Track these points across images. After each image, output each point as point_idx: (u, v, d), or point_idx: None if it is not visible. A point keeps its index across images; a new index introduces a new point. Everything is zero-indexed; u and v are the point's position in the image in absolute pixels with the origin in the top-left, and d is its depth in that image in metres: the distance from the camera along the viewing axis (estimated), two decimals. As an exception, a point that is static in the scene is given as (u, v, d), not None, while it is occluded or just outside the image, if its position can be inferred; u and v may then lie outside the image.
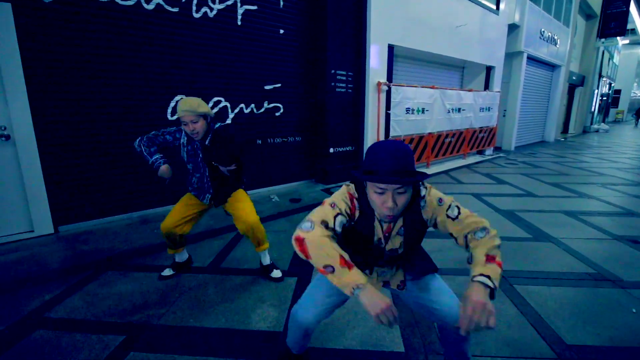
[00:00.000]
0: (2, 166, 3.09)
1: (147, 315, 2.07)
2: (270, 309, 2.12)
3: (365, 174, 1.10)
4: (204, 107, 2.08)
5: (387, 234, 1.25)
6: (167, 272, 2.53)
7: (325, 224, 1.11)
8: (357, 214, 1.21)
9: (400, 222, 1.24)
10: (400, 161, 1.06)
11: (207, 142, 2.21)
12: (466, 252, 1.18)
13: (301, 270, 2.62)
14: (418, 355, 1.71)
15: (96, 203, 3.56)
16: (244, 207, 2.31)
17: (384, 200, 1.10)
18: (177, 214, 2.29)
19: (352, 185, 1.24)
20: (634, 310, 2.12)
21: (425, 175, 1.09)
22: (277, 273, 2.49)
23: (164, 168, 2.20)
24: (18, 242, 3.15)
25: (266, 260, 2.53)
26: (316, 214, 1.13)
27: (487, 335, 1.86)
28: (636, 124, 29.05)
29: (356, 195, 1.21)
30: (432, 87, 6.70)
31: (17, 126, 3.07)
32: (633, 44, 32.20)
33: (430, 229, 1.29)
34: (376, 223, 1.23)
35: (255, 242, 2.40)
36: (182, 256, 2.57)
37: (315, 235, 1.06)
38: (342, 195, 1.20)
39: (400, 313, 2.07)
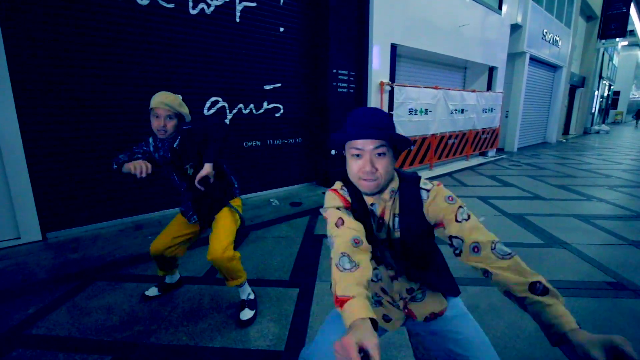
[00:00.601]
0: (-13, 170, 2.92)
1: (137, 332, 1.90)
2: (270, 324, 1.96)
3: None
4: (184, 107, 1.85)
5: (380, 220, 1.07)
6: (152, 291, 2.26)
7: (348, 256, 0.88)
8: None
9: (395, 208, 1.06)
10: (370, 119, 0.96)
11: (175, 145, 1.88)
12: (460, 261, 0.97)
13: (304, 280, 2.46)
14: (434, 379, 1.55)
15: (87, 208, 3.40)
16: (217, 234, 1.88)
17: (361, 165, 0.97)
18: (167, 236, 2.02)
19: (336, 184, 1.12)
20: (662, 325, 1.96)
21: (401, 136, 0.96)
22: (246, 314, 1.99)
23: (130, 164, 1.73)
24: (3, 249, 2.98)
25: (244, 294, 2.07)
26: (335, 247, 0.91)
27: (507, 354, 1.70)
28: (636, 125, 29.05)
29: (341, 189, 1.09)
30: (436, 88, 6.56)
31: (2, 131, 2.91)
32: (632, 45, 32.24)
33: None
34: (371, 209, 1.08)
35: (225, 278, 1.97)
36: (172, 277, 2.32)
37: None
38: (330, 204, 1.06)
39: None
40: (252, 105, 4.47)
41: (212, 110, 4.09)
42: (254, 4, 4.23)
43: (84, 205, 3.38)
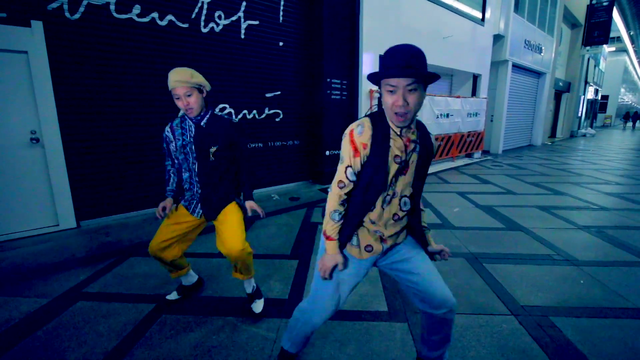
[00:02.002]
0: (32, 166, 3.45)
1: (172, 289, 2.44)
2: (276, 283, 2.51)
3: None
4: (197, 76, 1.80)
5: (404, 151, 1.23)
6: (173, 295, 2.27)
7: (341, 184, 1.26)
8: (366, 151, 1.21)
9: (415, 143, 1.26)
10: (408, 58, 1.09)
11: (202, 123, 1.89)
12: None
13: (302, 254, 3.00)
14: (399, 313, 2.10)
15: (114, 200, 3.93)
16: (233, 229, 1.88)
17: (395, 99, 1.12)
18: (161, 234, 1.95)
19: (358, 121, 1.25)
20: (582, 282, 2.53)
21: (431, 73, 1.11)
22: (258, 306, 2.11)
23: (162, 204, 1.96)
24: (46, 234, 3.49)
25: (249, 287, 2.14)
26: (335, 176, 1.29)
27: (457, 300, 2.25)
28: (624, 127, 29.91)
29: (363, 128, 1.21)
30: (421, 94, 7.14)
31: (45, 130, 3.44)
32: (619, 51, 33.30)
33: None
34: (392, 144, 1.21)
35: (238, 271, 2.05)
36: (188, 278, 2.29)
37: (328, 200, 1.30)
38: (344, 146, 1.24)
39: (386, 284, 2.47)
40: (255, 111, 5.02)
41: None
42: (256, 22, 4.81)
43: (112, 197, 3.91)
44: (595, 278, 2.58)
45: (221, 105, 4.65)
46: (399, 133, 1.22)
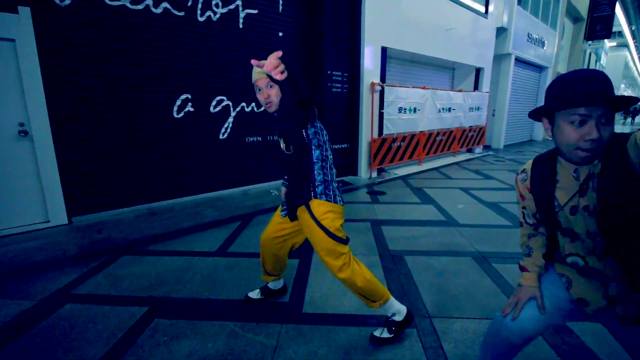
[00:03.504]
0: (21, 160, 3.30)
1: (166, 291, 2.31)
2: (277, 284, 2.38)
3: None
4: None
5: (584, 185, 0.99)
6: (255, 294, 2.18)
7: (520, 223, 1.31)
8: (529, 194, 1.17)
9: (596, 168, 0.97)
10: (601, 82, 0.88)
11: (275, 112, 1.72)
12: None
13: (303, 253, 2.88)
14: (406, 318, 1.98)
15: (107, 196, 3.78)
16: (320, 254, 1.66)
17: (585, 131, 0.89)
18: (271, 225, 1.94)
19: (526, 165, 1.20)
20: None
21: (633, 98, 0.84)
22: (380, 331, 1.78)
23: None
24: (36, 231, 3.36)
25: (388, 311, 1.78)
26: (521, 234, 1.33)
27: (467, 302, 2.14)
28: (624, 122, 29.88)
29: (521, 174, 1.20)
30: (424, 88, 7.00)
31: (34, 123, 3.28)
32: (620, 46, 33.08)
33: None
34: (558, 188, 1.06)
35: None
36: (276, 284, 2.20)
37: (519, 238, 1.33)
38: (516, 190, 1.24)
39: (391, 285, 2.35)
40: (253, 104, 4.86)
41: (218, 109, 4.49)
42: (255, 11, 4.63)
43: (104, 193, 3.76)
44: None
45: (219, 98, 4.49)
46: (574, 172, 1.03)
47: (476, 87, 9.23)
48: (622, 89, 41.68)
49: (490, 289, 2.31)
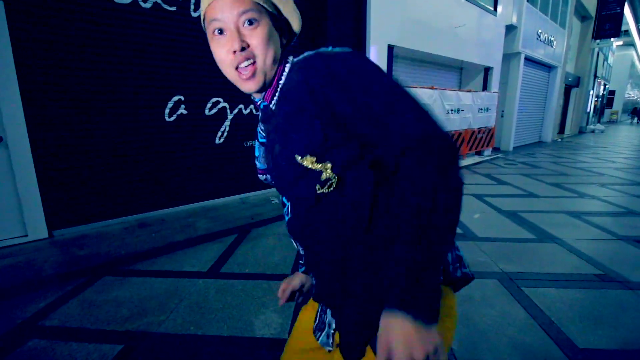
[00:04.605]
0: (-5, 169, 3.00)
1: (146, 323, 1.99)
2: (273, 315, 2.06)
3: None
4: None
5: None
6: None
7: None
8: None
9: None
10: None
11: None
12: None
13: (304, 274, 2.56)
14: None
15: (92, 206, 3.48)
16: None
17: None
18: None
19: None
20: (645, 313, 2.08)
21: None
22: None
23: None
24: (11, 247, 3.05)
25: None
26: None
27: (498, 340, 1.81)
28: (631, 123, 29.39)
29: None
30: (432, 88, 6.67)
31: (9, 128, 2.98)
32: (627, 45, 32.57)
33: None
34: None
35: None
36: None
37: None
38: None
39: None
40: (251, 106, 4.55)
41: (214, 111, 4.18)
42: (253, 7, 4.32)
43: (88, 203, 3.45)
44: (659, 306, 2.13)
45: (214, 100, 4.17)
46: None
47: (485, 87, 8.89)
48: (629, 89, 41.10)
49: (523, 321, 1.98)
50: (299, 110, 0.66)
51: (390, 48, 5.79)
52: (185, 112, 3.92)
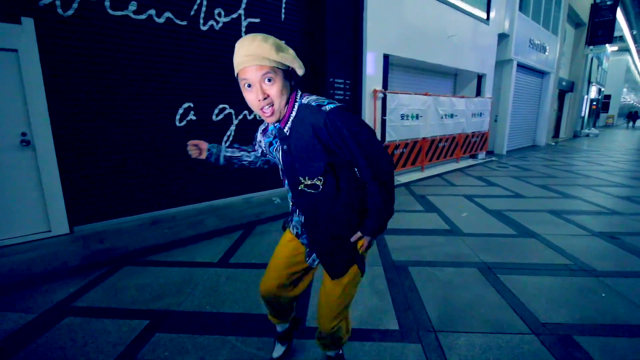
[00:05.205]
0: (23, 170, 3.29)
1: (167, 304, 2.28)
2: (278, 297, 2.35)
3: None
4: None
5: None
6: (278, 351, 1.75)
7: None
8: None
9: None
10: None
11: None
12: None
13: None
14: (411, 332, 1.94)
15: (108, 205, 3.77)
16: (329, 297, 1.38)
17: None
18: (276, 269, 1.46)
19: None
20: (603, 295, 2.37)
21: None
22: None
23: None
24: (37, 241, 3.34)
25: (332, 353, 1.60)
26: None
27: (472, 316, 2.10)
28: (627, 126, 29.76)
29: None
30: (426, 94, 6.99)
31: (36, 132, 3.28)
32: (622, 50, 33.04)
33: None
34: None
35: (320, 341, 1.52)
36: (283, 326, 1.72)
37: None
38: None
39: (395, 297, 2.31)
40: (254, 113, 4.85)
41: (220, 117, 4.49)
42: (258, 20, 4.65)
43: (106, 202, 3.75)
44: (617, 291, 2.43)
45: (221, 106, 4.48)
46: None
47: (478, 93, 9.22)
48: (625, 93, 41.57)
49: (496, 302, 2.27)
50: (309, 145, 1.16)
51: (386, 57, 6.11)
52: (194, 117, 4.24)
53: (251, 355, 1.78)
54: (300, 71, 1.16)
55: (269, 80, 1.08)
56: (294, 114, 1.18)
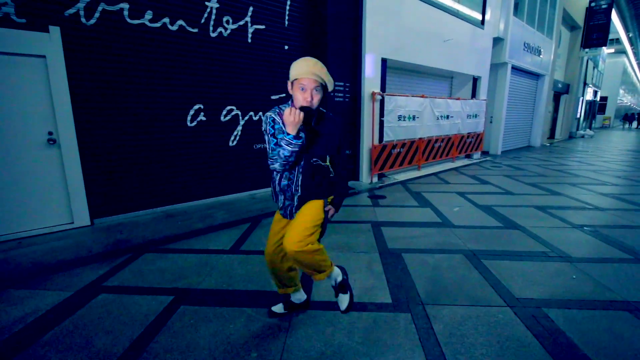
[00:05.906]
0: (49, 166, 3.58)
1: (188, 283, 2.58)
2: (285, 278, 2.65)
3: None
4: (329, 76, 1.74)
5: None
6: (279, 308, 2.17)
7: None
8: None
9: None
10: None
11: (313, 124, 1.79)
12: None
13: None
14: (402, 305, 2.25)
15: (126, 199, 4.07)
16: (295, 223, 1.77)
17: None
18: (274, 236, 1.94)
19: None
20: (574, 277, 2.68)
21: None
22: (342, 302, 1.99)
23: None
24: (61, 232, 3.64)
25: (332, 281, 1.97)
26: None
27: (455, 292, 2.40)
28: (623, 127, 30.13)
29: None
30: (422, 96, 7.30)
31: (62, 132, 3.58)
32: (618, 52, 33.44)
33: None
34: None
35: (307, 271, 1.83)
36: (297, 296, 2.15)
37: None
38: None
39: (389, 277, 2.62)
40: (260, 113, 5.17)
41: (228, 117, 4.79)
42: (263, 27, 4.95)
43: (124, 196, 4.05)
44: (587, 273, 2.73)
45: (229, 107, 4.79)
46: None
47: (474, 95, 9.54)
48: (622, 95, 41.97)
49: (477, 281, 2.58)
50: (332, 135, 1.86)
51: (384, 61, 6.41)
52: (204, 118, 4.54)
53: (265, 322, 2.08)
54: (330, 87, 1.77)
55: (317, 90, 1.69)
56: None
